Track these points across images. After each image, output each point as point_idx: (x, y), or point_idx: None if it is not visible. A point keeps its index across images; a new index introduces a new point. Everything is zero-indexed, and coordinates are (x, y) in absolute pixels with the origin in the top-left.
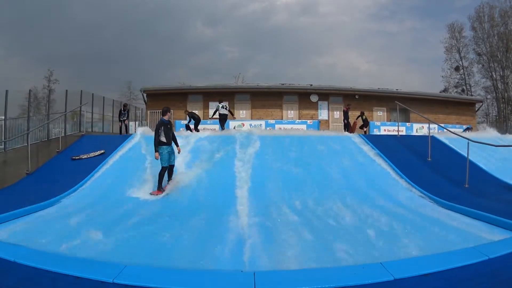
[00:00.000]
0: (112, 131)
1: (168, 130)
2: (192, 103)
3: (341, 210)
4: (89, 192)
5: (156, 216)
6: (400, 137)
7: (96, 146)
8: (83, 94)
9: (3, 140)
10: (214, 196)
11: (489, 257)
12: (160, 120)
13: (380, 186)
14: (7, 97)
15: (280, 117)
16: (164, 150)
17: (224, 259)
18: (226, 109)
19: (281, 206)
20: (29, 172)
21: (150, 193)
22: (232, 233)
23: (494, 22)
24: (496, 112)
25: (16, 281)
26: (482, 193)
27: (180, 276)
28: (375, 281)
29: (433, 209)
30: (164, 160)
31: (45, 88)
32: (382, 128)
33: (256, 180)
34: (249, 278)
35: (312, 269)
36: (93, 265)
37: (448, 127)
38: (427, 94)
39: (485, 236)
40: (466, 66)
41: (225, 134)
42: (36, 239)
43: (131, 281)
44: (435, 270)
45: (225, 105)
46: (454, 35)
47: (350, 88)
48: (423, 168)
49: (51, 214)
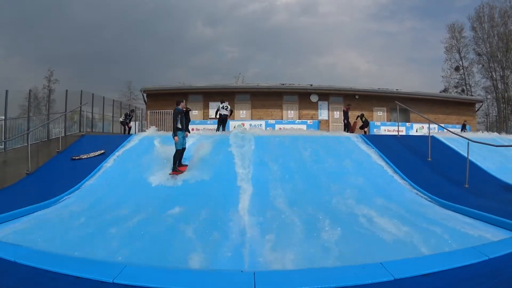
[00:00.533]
0: (112, 131)
1: (183, 118)
2: (192, 103)
3: (340, 209)
4: (89, 192)
5: (154, 216)
6: (400, 137)
7: (96, 146)
8: (83, 94)
9: (3, 140)
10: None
11: (489, 257)
12: (175, 110)
13: (379, 186)
14: (7, 97)
15: (280, 117)
16: (179, 135)
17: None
18: (227, 109)
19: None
20: (29, 172)
21: (169, 174)
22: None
23: (494, 22)
24: (496, 112)
25: (16, 281)
26: (482, 193)
27: (180, 276)
28: (375, 281)
29: (433, 209)
30: (179, 144)
31: (45, 88)
32: (382, 128)
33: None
34: (249, 278)
35: (312, 269)
36: (93, 265)
37: (448, 127)
38: (427, 94)
39: (485, 236)
40: (466, 66)
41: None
42: (36, 239)
43: (131, 281)
44: (435, 270)
45: (225, 105)
46: (454, 35)
47: (350, 88)
48: (423, 168)
49: (51, 214)
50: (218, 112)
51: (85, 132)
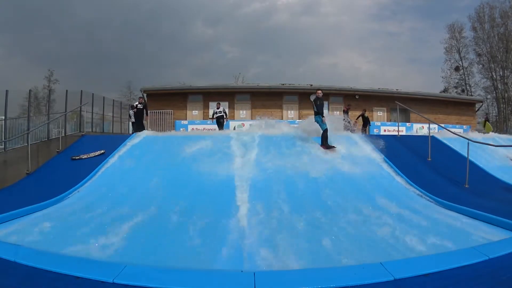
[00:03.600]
0: (112, 131)
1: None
2: (192, 103)
3: (338, 208)
4: (89, 192)
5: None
6: (400, 137)
7: (96, 146)
8: (83, 94)
9: (3, 140)
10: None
11: (489, 257)
12: (315, 97)
13: (379, 185)
14: (7, 97)
15: (281, 117)
16: (318, 118)
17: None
18: (220, 113)
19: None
20: (29, 172)
21: (323, 147)
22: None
23: (494, 23)
24: (496, 112)
25: (16, 281)
26: (482, 193)
27: (180, 276)
28: (375, 281)
29: (433, 209)
30: (323, 124)
31: (45, 88)
32: (382, 128)
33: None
34: (249, 278)
35: (312, 269)
36: (93, 265)
37: (448, 127)
38: (427, 94)
39: (485, 236)
40: (466, 67)
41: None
42: (36, 239)
43: (131, 281)
44: (435, 270)
45: (216, 110)
46: (454, 35)
47: (350, 88)
48: (423, 168)
49: (51, 214)
50: (214, 115)
51: (85, 132)
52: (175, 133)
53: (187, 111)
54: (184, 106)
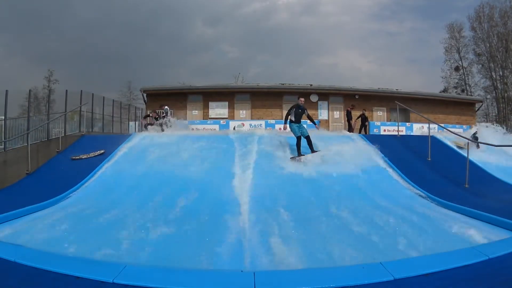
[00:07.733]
0: (112, 131)
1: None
2: (192, 103)
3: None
4: (90, 192)
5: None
6: (400, 137)
7: (96, 146)
8: (83, 94)
9: (3, 140)
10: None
11: (489, 257)
12: (295, 104)
13: (379, 185)
14: (7, 97)
15: (281, 117)
16: (293, 125)
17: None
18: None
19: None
20: (29, 172)
21: (290, 158)
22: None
23: (493, 22)
24: (496, 112)
25: (16, 281)
26: (482, 193)
27: (180, 276)
28: (375, 281)
29: (433, 208)
30: (296, 132)
31: (45, 88)
32: (382, 128)
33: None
34: (249, 278)
35: (312, 269)
36: (93, 265)
37: (448, 127)
38: (427, 94)
39: (485, 236)
40: (466, 66)
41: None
42: (36, 239)
43: (131, 281)
44: (435, 270)
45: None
46: (454, 35)
47: (350, 88)
48: (423, 168)
49: (51, 214)
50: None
51: (85, 132)
52: (176, 133)
53: (187, 111)
54: (184, 106)
